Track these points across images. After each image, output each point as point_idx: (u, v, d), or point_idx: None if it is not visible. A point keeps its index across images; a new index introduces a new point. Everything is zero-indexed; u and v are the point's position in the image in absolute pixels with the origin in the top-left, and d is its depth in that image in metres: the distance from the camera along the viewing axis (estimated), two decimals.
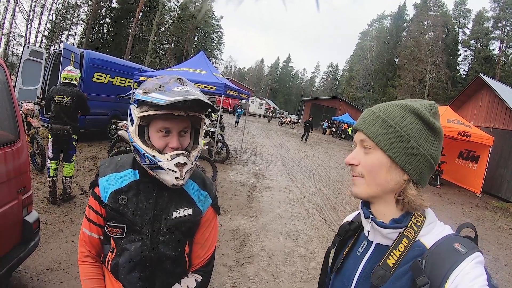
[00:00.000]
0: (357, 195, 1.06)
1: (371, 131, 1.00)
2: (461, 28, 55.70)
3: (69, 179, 5.82)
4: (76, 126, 5.85)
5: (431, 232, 0.96)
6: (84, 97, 5.91)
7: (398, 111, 1.00)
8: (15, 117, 3.07)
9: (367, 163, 1.01)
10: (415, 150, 0.96)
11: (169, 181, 1.32)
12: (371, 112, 1.05)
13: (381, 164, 0.99)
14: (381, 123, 0.99)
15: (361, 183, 1.03)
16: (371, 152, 1.01)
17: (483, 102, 16.56)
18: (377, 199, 1.03)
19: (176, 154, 1.32)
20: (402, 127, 0.97)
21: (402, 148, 0.96)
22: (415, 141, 0.96)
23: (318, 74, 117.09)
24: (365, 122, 1.03)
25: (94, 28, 44.74)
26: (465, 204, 11.97)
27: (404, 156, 0.96)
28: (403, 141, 0.96)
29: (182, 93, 1.26)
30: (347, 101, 50.09)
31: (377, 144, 0.98)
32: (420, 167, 0.97)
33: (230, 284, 4.09)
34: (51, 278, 3.62)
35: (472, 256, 0.85)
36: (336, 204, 8.66)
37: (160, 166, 1.30)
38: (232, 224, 6.02)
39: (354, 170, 1.05)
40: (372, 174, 1.00)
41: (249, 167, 11.62)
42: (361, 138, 1.04)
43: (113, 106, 12.04)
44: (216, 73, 12.63)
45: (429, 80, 48.22)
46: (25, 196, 3.07)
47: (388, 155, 0.97)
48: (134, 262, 1.39)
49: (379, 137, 0.98)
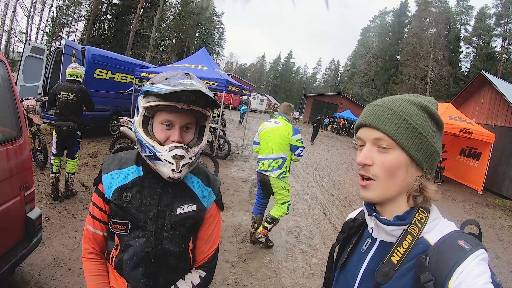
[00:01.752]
0: (371, 200, 1.02)
1: (391, 129, 0.96)
2: (463, 25, 55.50)
3: (71, 175, 5.84)
4: (80, 122, 5.87)
5: (435, 228, 0.96)
6: (89, 93, 5.94)
7: (411, 108, 0.98)
8: (17, 113, 3.07)
9: (385, 163, 0.97)
10: (432, 148, 0.97)
11: (165, 173, 1.33)
12: (384, 108, 1.00)
13: (400, 164, 0.97)
14: (400, 121, 0.97)
15: (375, 187, 0.99)
16: (388, 151, 0.98)
17: (485, 99, 16.52)
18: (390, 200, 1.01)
19: (174, 146, 1.32)
20: (419, 124, 0.96)
21: (421, 147, 0.96)
22: (431, 139, 0.97)
23: (320, 70, 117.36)
24: (381, 119, 0.99)
25: (95, 25, 44.66)
26: (466, 201, 11.97)
27: (423, 154, 0.96)
28: (422, 139, 0.96)
29: (184, 84, 1.26)
30: (348, 98, 49.94)
31: (398, 143, 0.96)
32: (434, 163, 0.99)
33: (233, 280, 4.10)
34: (54, 275, 3.62)
35: (476, 253, 0.84)
36: (337, 201, 8.67)
37: (158, 157, 1.31)
38: (234, 220, 6.03)
39: (368, 170, 1.00)
40: (391, 175, 0.97)
41: (250, 163, 11.63)
42: (377, 136, 0.99)
43: (114, 103, 12.05)
44: (217, 69, 12.60)
45: (431, 77, 48.08)
46: (28, 193, 3.07)
47: (410, 154, 0.96)
48: (138, 258, 1.39)
49: (400, 135, 0.96)
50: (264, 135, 5.01)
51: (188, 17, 51.10)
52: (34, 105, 7.35)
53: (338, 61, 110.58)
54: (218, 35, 70.31)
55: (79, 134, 5.90)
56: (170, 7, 49.75)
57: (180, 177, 1.35)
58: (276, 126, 4.98)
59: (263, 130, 5.04)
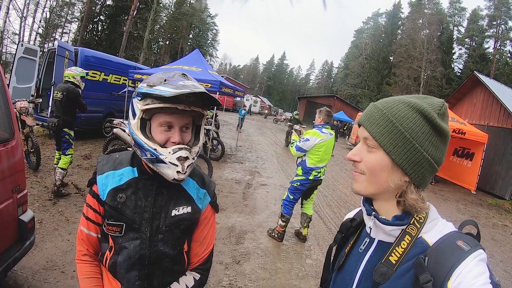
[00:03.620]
0: (358, 192, 1.05)
1: (375, 130, 0.97)
2: (456, 26, 55.94)
3: (60, 170, 5.90)
4: (68, 120, 5.98)
5: (433, 229, 0.96)
6: (74, 92, 5.99)
7: (405, 110, 0.96)
8: (10, 115, 3.04)
9: (369, 162, 1.00)
10: (419, 154, 0.94)
11: (170, 175, 1.31)
12: (377, 109, 1.01)
13: (382, 165, 0.97)
14: (386, 123, 0.96)
15: (362, 180, 1.02)
16: (374, 151, 0.99)
17: (478, 100, 16.62)
18: (379, 196, 1.02)
19: (178, 148, 1.31)
20: (407, 128, 0.94)
21: (405, 151, 0.94)
22: (419, 145, 0.93)
23: (313, 71, 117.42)
24: (370, 119, 1.00)
25: (89, 26, 44.36)
26: (460, 201, 12.05)
27: (407, 160, 0.94)
28: (407, 144, 0.93)
29: (188, 87, 1.25)
30: (342, 99, 50.11)
31: (380, 145, 0.96)
32: (423, 171, 0.95)
33: (227, 282, 4.09)
34: (47, 278, 3.60)
35: (475, 254, 0.84)
36: (331, 202, 8.69)
37: (161, 160, 1.29)
38: (228, 221, 6.01)
39: (356, 166, 1.04)
40: (373, 174, 0.99)
41: (244, 164, 11.62)
42: (365, 135, 1.01)
43: (107, 104, 11.98)
44: (211, 70, 12.59)
45: (424, 78, 48.37)
46: (20, 195, 3.04)
47: (391, 157, 0.95)
48: (132, 260, 1.38)
49: (383, 137, 0.96)
50: (323, 147, 5.23)
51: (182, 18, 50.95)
52: (26, 107, 7.31)
53: (332, 63, 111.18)
54: (212, 37, 70.23)
55: (66, 131, 5.98)
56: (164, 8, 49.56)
57: (184, 178, 1.35)
58: (332, 137, 5.35)
59: (324, 142, 5.21)
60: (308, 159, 5.26)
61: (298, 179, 5.39)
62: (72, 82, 6.03)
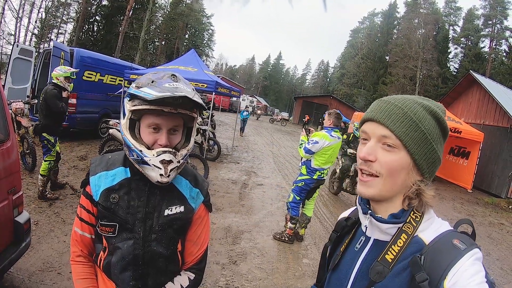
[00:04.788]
0: (371, 197, 1.01)
1: (400, 130, 0.95)
2: (452, 26, 56.16)
3: (39, 176, 5.65)
4: (47, 124, 5.68)
5: (429, 227, 0.96)
6: (51, 94, 5.61)
7: (422, 111, 0.97)
8: (5, 116, 3.04)
9: (388, 163, 0.96)
10: (435, 155, 0.97)
11: (153, 177, 1.33)
12: (395, 107, 0.98)
13: (403, 165, 0.95)
14: (409, 122, 0.95)
15: (376, 184, 0.98)
16: (395, 151, 0.96)
17: (474, 99, 16.69)
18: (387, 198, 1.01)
19: (162, 151, 1.31)
20: (427, 129, 0.95)
21: (425, 152, 0.95)
22: (436, 146, 0.96)
23: (309, 71, 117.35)
24: (391, 117, 0.97)
25: (84, 26, 44.22)
26: (456, 200, 12.09)
27: (426, 160, 0.96)
28: (428, 145, 0.95)
29: (170, 89, 1.25)
30: (338, 98, 50.03)
31: (404, 144, 0.95)
32: (435, 170, 0.99)
33: (224, 282, 4.10)
34: (43, 279, 3.59)
35: (471, 253, 0.85)
36: (328, 201, 8.70)
37: (146, 161, 1.30)
38: (225, 222, 6.02)
39: (371, 167, 0.98)
40: (392, 175, 0.96)
41: (240, 164, 11.63)
42: (384, 133, 0.97)
43: (103, 105, 11.94)
44: (207, 70, 12.58)
45: (420, 77, 48.57)
46: (16, 197, 3.04)
47: (414, 157, 0.95)
48: (126, 260, 1.38)
49: (407, 137, 0.94)
50: (330, 150, 5.29)
51: (178, 18, 50.98)
52: (22, 108, 7.29)
53: (328, 62, 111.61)
54: (208, 37, 70.30)
55: (44, 136, 5.70)
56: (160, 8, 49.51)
57: (168, 181, 1.35)
58: (339, 141, 5.43)
59: (331, 146, 5.25)
60: (314, 160, 5.29)
61: (302, 179, 5.41)
62: (55, 84, 5.72)
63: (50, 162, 5.74)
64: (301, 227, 5.70)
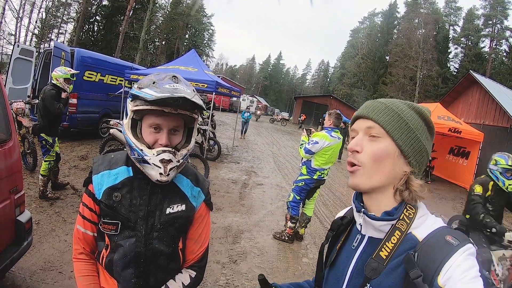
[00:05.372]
0: (357, 186, 1.04)
1: (383, 119, 1.01)
2: (452, 26, 56.01)
3: (40, 176, 5.69)
4: (45, 125, 5.69)
5: (423, 224, 0.97)
6: (48, 94, 5.61)
7: (405, 107, 1.04)
8: (7, 116, 3.06)
9: (373, 151, 1.01)
10: (420, 144, 1.00)
11: (153, 176, 1.35)
12: (379, 103, 1.06)
13: (388, 153, 1.00)
14: (392, 113, 1.01)
15: (361, 174, 1.02)
16: (379, 140, 1.01)
17: (474, 99, 16.70)
18: (376, 190, 1.03)
19: (162, 150, 1.34)
20: (410, 120, 1.01)
21: (410, 140, 0.99)
22: (420, 136, 1.00)
23: (309, 71, 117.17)
24: (375, 110, 1.04)
25: (85, 26, 44.21)
26: (456, 200, 12.08)
27: (412, 148, 0.99)
28: (411, 133, 0.99)
29: (170, 90, 1.27)
30: (338, 98, 49.90)
31: (387, 132, 1.00)
32: (422, 161, 1.01)
33: (224, 281, 4.11)
34: (45, 278, 3.61)
35: (463, 248, 0.86)
36: (327, 201, 8.71)
37: (146, 160, 1.33)
38: (225, 221, 6.03)
39: (355, 157, 1.04)
40: (377, 163, 1.00)
41: (241, 164, 11.63)
42: (369, 125, 1.04)
43: (104, 105, 11.95)
44: (207, 70, 12.57)
45: (420, 77, 48.48)
46: (17, 196, 3.06)
47: (398, 144, 0.99)
48: (128, 258, 1.41)
49: (390, 125, 1.00)
50: (330, 150, 5.30)
51: (178, 18, 50.87)
52: (23, 108, 7.30)
53: (328, 62, 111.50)
54: (208, 37, 70.13)
55: (43, 137, 5.72)
56: (160, 8, 49.47)
57: (168, 180, 1.38)
58: (339, 141, 5.44)
59: (331, 146, 5.26)
60: (314, 160, 5.31)
61: (302, 179, 5.44)
62: (54, 84, 5.72)
63: (50, 162, 5.77)
64: (301, 226, 5.72)
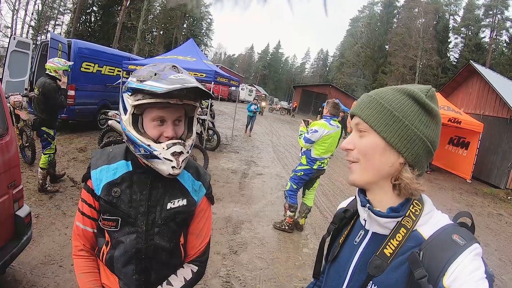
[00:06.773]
0: (354, 182, 1.03)
1: (365, 114, 1.00)
2: (452, 15, 55.87)
3: (39, 170, 5.65)
4: (46, 118, 5.62)
5: (429, 221, 0.95)
6: (50, 88, 5.49)
7: (393, 94, 1.00)
8: (3, 110, 3.02)
9: (361, 146, 1.00)
10: (410, 132, 0.94)
11: (165, 171, 1.30)
12: (366, 96, 1.04)
13: (375, 147, 0.97)
14: (375, 105, 0.99)
15: (357, 169, 1.02)
16: (366, 135, 1.00)
17: (473, 89, 16.63)
18: (374, 185, 1.01)
19: (172, 143, 1.29)
20: (396, 108, 0.96)
21: (396, 130, 0.95)
22: (410, 123, 0.95)
23: (309, 60, 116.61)
24: (360, 106, 1.03)
25: (82, 17, 43.91)
26: (455, 190, 12.13)
27: (399, 138, 0.95)
28: (397, 123, 0.95)
29: (179, 81, 1.23)
30: (337, 87, 49.83)
31: (370, 126, 0.98)
32: (416, 149, 0.95)
33: (224, 272, 4.12)
34: (45, 272, 3.60)
35: (470, 248, 0.84)
36: (327, 191, 8.73)
37: (156, 155, 1.28)
38: (225, 211, 6.03)
39: (350, 155, 1.04)
40: (367, 157, 0.99)
41: (240, 154, 11.64)
42: (356, 121, 1.03)
43: (102, 96, 11.89)
44: (205, 60, 12.54)
45: (420, 66, 48.42)
46: (16, 191, 3.03)
47: (382, 136, 0.96)
48: (129, 254, 1.38)
49: (373, 118, 0.98)
50: (330, 139, 5.30)
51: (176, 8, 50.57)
52: (20, 101, 7.25)
53: (327, 51, 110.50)
54: (206, 26, 69.68)
55: (44, 130, 5.64)
56: None
57: (179, 173, 1.34)
58: (338, 129, 5.43)
59: (331, 134, 5.27)
60: (314, 150, 5.30)
61: (302, 168, 5.43)
62: (52, 76, 5.57)
63: (50, 155, 5.73)
64: (302, 217, 5.72)
